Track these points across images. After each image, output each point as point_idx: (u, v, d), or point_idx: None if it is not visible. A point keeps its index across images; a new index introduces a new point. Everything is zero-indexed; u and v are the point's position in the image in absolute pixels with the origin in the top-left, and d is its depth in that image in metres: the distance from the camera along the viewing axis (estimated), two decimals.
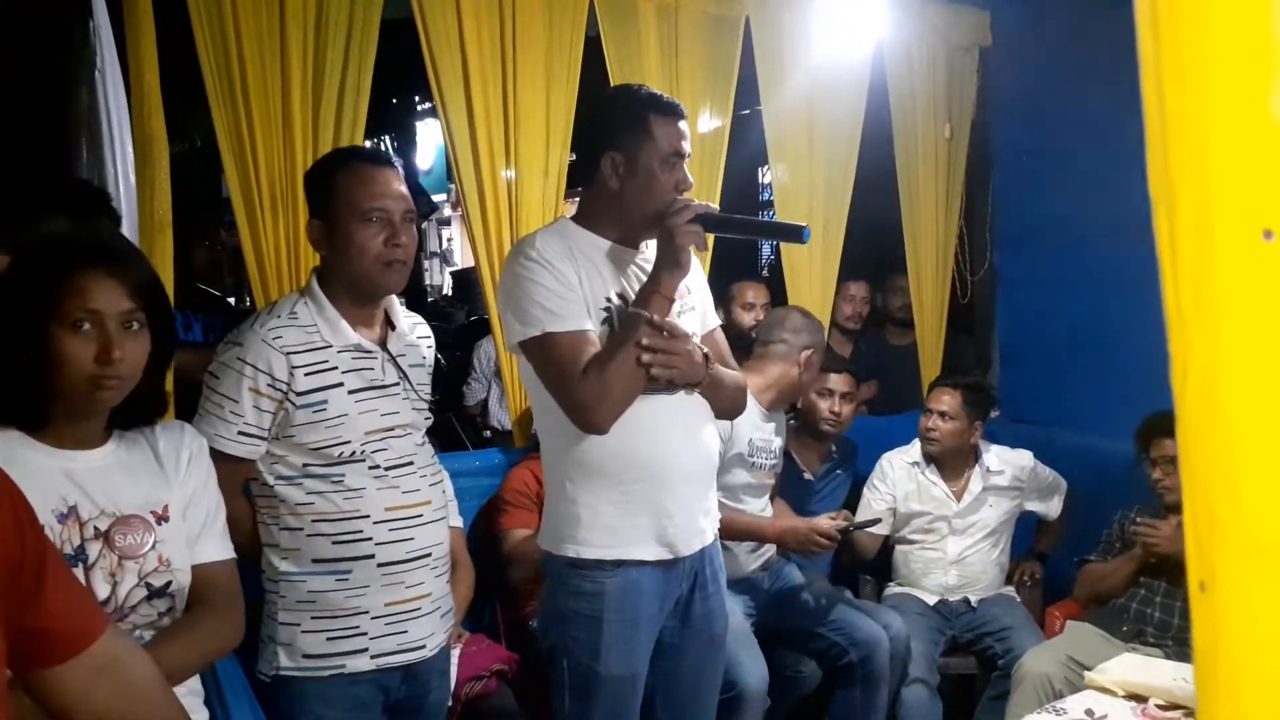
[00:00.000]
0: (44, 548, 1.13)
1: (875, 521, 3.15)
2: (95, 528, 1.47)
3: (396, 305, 2.04)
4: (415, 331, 2.07)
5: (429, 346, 2.11)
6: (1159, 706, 2.02)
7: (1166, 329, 0.38)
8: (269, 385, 1.82)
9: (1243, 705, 0.33)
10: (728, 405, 2.10)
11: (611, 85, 3.13)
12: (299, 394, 1.83)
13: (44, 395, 1.44)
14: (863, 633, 2.85)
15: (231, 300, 5.40)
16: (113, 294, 1.41)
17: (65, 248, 1.47)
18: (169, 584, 1.54)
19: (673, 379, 1.92)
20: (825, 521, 2.81)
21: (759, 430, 2.91)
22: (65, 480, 1.46)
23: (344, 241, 1.87)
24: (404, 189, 1.92)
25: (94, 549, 1.46)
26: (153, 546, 1.52)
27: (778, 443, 2.99)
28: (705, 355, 2.00)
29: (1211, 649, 0.34)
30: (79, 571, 1.45)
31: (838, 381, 3.22)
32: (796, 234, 1.93)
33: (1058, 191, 3.67)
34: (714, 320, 2.19)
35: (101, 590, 1.47)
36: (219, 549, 1.63)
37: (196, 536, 1.60)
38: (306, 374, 1.84)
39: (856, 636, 2.85)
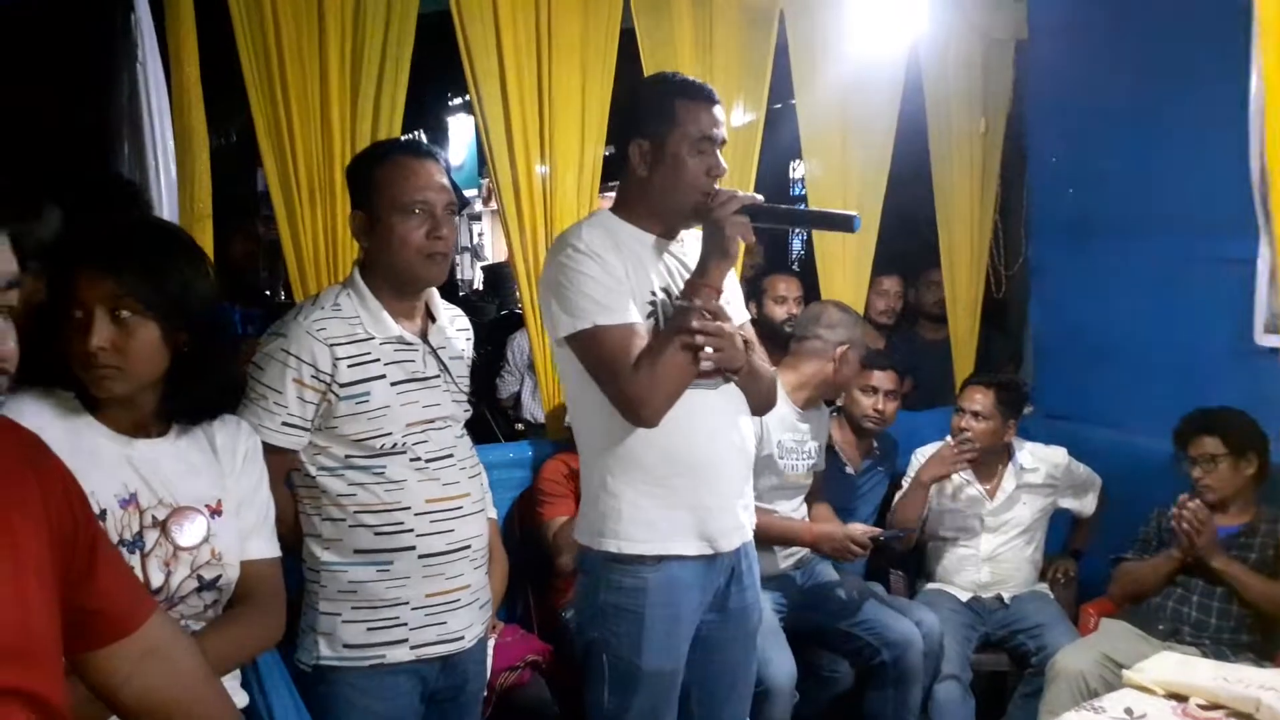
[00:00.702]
0: (95, 530, 1.16)
1: (908, 531, 3.14)
2: (153, 516, 1.50)
3: (437, 298, 2.05)
4: (455, 324, 2.08)
5: (468, 339, 2.12)
6: (1200, 706, 1.99)
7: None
8: (312, 376, 1.83)
9: None
10: (762, 399, 2.10)
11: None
12: (342, 385, 1.84)
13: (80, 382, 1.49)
14: (895, 633, 2.84)
15: (267, 293, 5.46)
16: (96, 285, 1.44)
17: (67, 245, 1.51)
18: (219, 577, 1.57)
19: (720, 363, 1.92)
20: (860, 529, 2.83)
21: (792, 431, 2.90)
22: (127, 466, 1.50)
23: (386, 233, 1.88)
24: (445, 181, 1.93)
25: (151, 537, 1.49)
26: (206, 539, 1.55)
27: (813, 444, 2.97)
28: (746, 342, 2.00)
29: None
30: (135, 558, 1.48)
31: (882, 379, 3.19)
32: (847, 223, 1.90)
33: (1093, 186, 3.64)
34: (743, 315, 2.17)
35: (156, 578, 1.50)
36: (268, 546, 1.67)
37: (249, 533, 1.63)
38: (350, 366, 1.85)
39: (889, 636, 2.83)
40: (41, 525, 1.07)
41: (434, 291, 2.04)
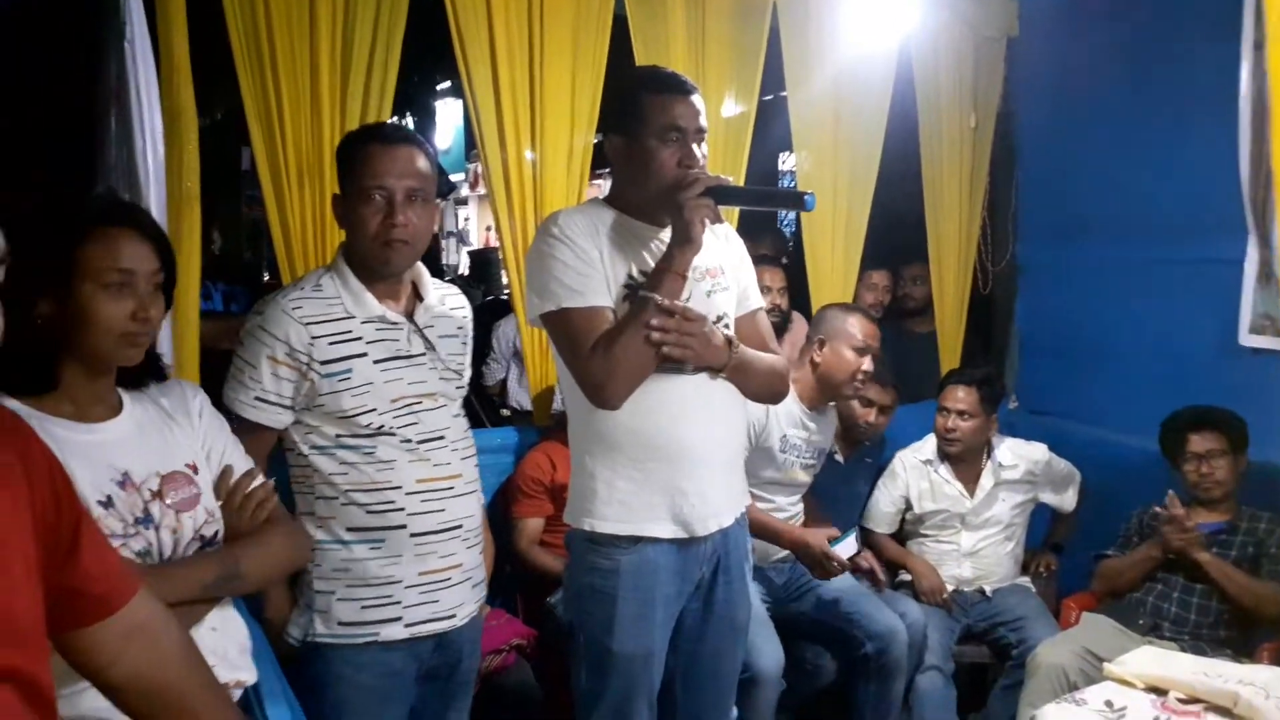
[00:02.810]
0: (79, 512, 1.16)
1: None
2: (150, 489, 1.50)
3: (426, 277, 2.06)
4: (447, 303, 2.09)
5: (465, 317, 2.12)
6: (1179, 700, 2.01)
7: None
8: (286, 354, 1.86)
9: None
10: (760, 390, 2.09)
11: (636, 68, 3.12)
12: (321, 363, 1.87)
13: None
14: (879, 625, 2.84)
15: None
16: None
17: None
18: (216, 533, 1.59)
19: (687, 360, 1.92)
20: (836, 550, 2.79)
21: (798, 428, 2.87)
22: (108, 450, 1.48)
23: (351, 217, 1.91)
24: (417, 166, 1.92)
25: (156, 510, 1.50)
26: (199, 498, 1.56)
27: (820, 442, 2.95)
28: (728, 339, 1.99)
29: None
30: (150, 533, 1.48)
31: (880, 394, 3.19)
32: (799, 201, 1.90)
33: (1082, 183, 3.66)
34: (756, 301, 2.16)
35: (167, 547, 1.51)
36: (246, 465, 1.70)
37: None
38: (329, 344, 1.88)
39: (872, 629, 2.84)
40: (24, 506, 1.07)
41: (422, 270, 2.05)
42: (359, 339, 1.90)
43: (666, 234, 1.98)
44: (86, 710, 1.36)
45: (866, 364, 2.90)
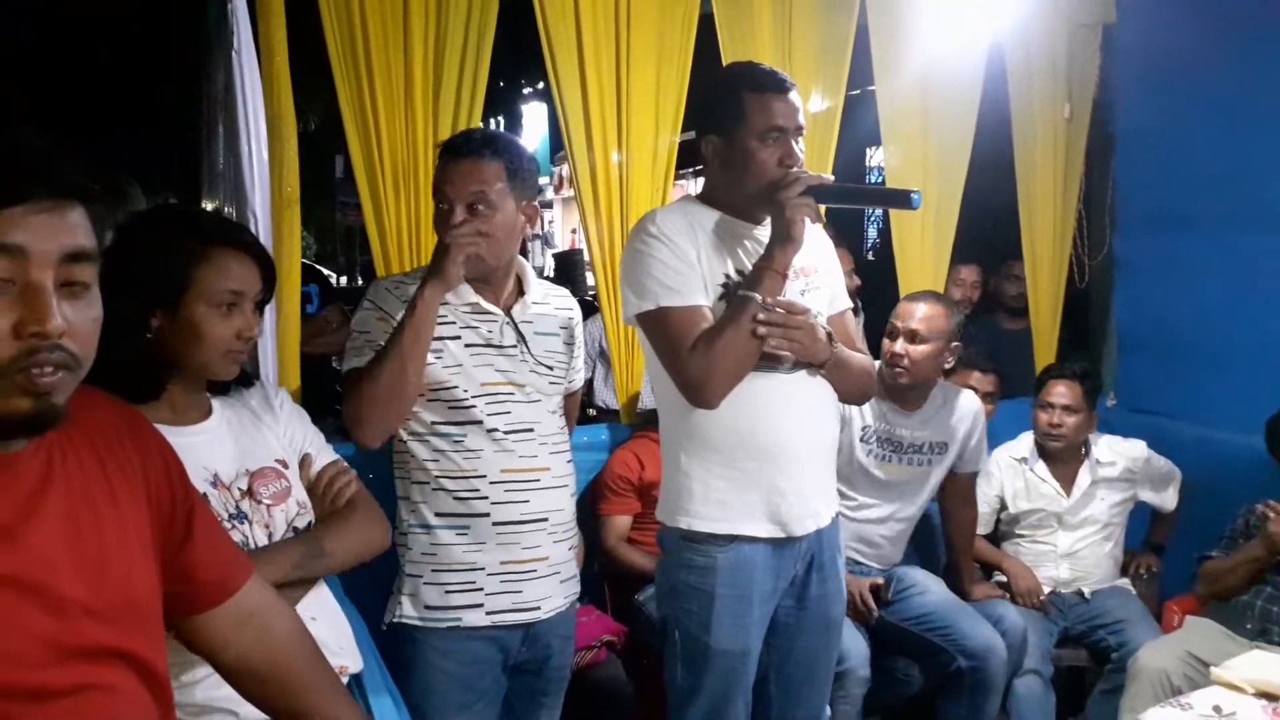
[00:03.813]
0: (193, 501, 1.20)
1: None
2: (239, 488, 1.56)
3: (530, 274, 2.12)
4: (551, 302, 2.14)
5: (570, 319, 2.17)
6: None
7: None
8: (392, 319, 1.94)
9: None
10: (852, 389, 2.09)
11: (723, 65, 3.12)
12: None
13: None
14: (975, 642, 2.74)
15: (343, 279, 5.57)
16: None
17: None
18: (309, 524, 1.65)
19: (794, 354, 1.92)
20: (868, 585, 2.77)
21: (881, 420, 2.82)
22: (198, 452, 1.53)
23: None
24: (478, 176, 1.94)
25: (248, 506, 1.55)
26: (290, 492, 1.62)
27: (926, 437, 2.86)
28: (829, 334, 1.99)
29: None
30: (244, 529, 1.54)
31: (982, 381, 3.13)
32: (905, 200, 1.89)
33: (1184, 173, 3.53)
34: (844, 302, 2.16)
35: (261, 541, 1.56)
36: (330, 455, 1.77)
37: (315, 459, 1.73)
38: None
39: (968, 645, 2.74)
40: (141, 496, 1.12)
41: (526, 267, 2.12)
42: (453, 323, 1.98)
43: (762, 232, 1.99)
44: (202, 699, 1.43)
45: (897, 346, 2.78)
